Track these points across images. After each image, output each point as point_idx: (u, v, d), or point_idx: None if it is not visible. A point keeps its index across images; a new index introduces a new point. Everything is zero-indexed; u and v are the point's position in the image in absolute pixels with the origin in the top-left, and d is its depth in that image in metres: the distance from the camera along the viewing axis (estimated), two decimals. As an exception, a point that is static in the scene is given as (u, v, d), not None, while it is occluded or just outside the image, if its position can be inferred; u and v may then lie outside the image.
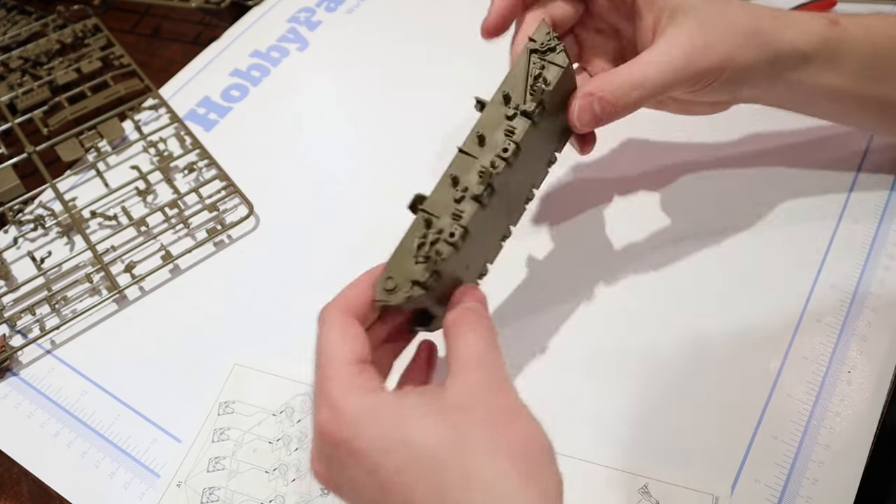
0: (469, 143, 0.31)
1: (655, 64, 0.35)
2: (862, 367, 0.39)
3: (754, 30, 0.36)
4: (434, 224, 0.30)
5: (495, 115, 0.32)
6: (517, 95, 0.32)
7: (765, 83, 0.38)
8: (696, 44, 0.35)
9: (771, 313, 0.41)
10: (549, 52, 0.33)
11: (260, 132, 0.54)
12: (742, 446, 0.37)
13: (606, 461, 0.37)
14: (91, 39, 0.60)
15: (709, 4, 0.36)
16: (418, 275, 0.29)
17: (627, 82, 0.34)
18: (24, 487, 0.40)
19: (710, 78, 0.36)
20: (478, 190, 0.30)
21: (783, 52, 0.36)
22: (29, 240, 0.49)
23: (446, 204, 0.30)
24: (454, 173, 0.31)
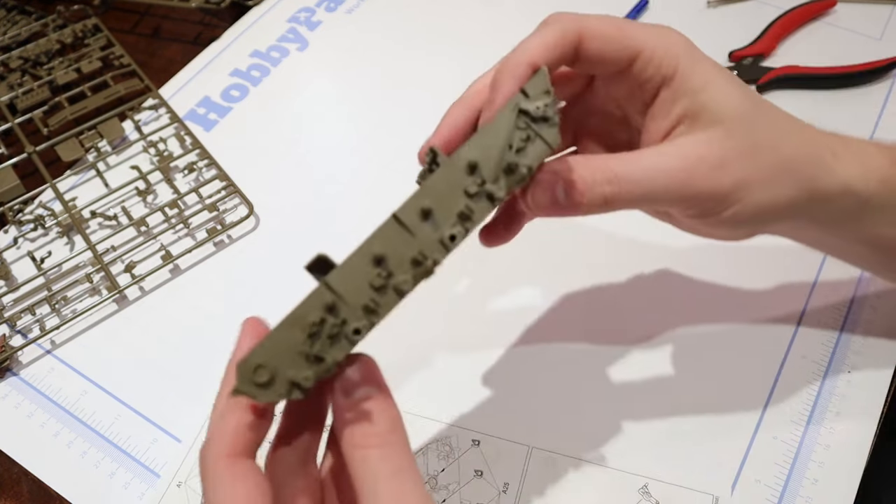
0: (409, 211, 0.24)
1: (647, 166, 0.27)
2: (862, 367, 0.39)
3: (797, 160, 0.29)
4: (339, 310, 0.23)
5: (451, 184, 0.25)
6: (487, 168, 0.25)
7: (797, 224, 0.31)
8: (706, 158, 0.27)
9: (771, 314, 0.41)
10: (541, 122, 0.26)
11: (260, 132, 0.54)
12: (742, 446, 0.37)
13: (606, 461, 0.37)
14: (91, 39, 0.60)
15: (749, 119, 0.28)
16: (302, 378, 0.23)
17: (604, 173, 0.27)
18: (23, 487, 0.40)
19: (715, 205, 0.28)
20: (406, 286, 0.24)
21: (829, 194, 0.29)
22: (29, 240, 0.49)
23: (360, 286, 0.24)
24: (380, 249, 0.24)
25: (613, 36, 0.28)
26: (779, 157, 0.28)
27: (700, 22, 0.55)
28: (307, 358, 0.23)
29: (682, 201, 0.28)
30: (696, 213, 0.29)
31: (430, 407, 0.39)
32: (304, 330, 0.23)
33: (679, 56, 0.28)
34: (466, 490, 0.37)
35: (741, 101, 0.28)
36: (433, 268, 0.24)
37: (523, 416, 0.39)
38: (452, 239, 0.24)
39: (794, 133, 0.29)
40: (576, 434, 0.38)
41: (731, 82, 0.28)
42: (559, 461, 0.37)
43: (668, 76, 0.28)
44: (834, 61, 0.51)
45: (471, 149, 0.25)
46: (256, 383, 0.23)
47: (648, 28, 0.29)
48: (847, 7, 0.56)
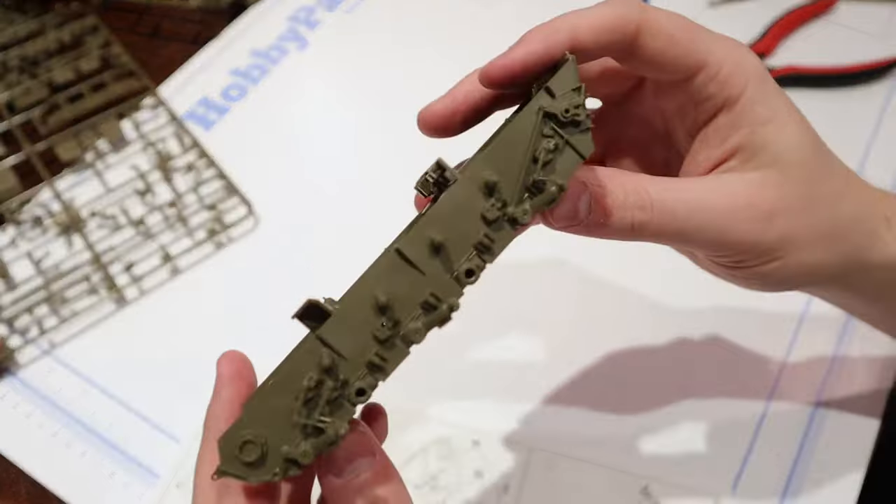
0: (414, 245, 0.20)
1: (688, 198, 0.24)
2: (863, 370, 0.39)
3: (850, 224, 0.26)
4: (337, 370, 0.20)
5: (465, 209, 0.21)
6: (508, 187, 0.21)
7: (839, 291, 0.29)
8: (756, 204, 0.24)
9: (772, 314, 0.41)
10: (571, 127, 0.21)
11: (259, 132, 0.54)
12: (743, 446, 0.37)
13: (606, 461, 0.37)
14: (90, 38, 0.60)
15: (810, 168, 0.25)
16: (299, 454, 0.20)
17: (638, 195, 0.23)
18: (22, 488, 0.40)
19: (752, 258, 0.25)
20: (417, 337, 0.20)
21: (875, 265, 0.27)
22: (27, 240, 0.49)
23: (361, 339, 0.20)
24: (383, 293, 0.20)
25: (680, 37, 0.24)
26: (832, 218, 0.25)
27: (701, 22, 0.55)
28: (304, 429, 0.20)
29: (717, 247, 0.24)
30: (728, 262, 0.26)
31: (430, 407, 0.39)
32: (299, 395, 0.20)
33: (749, 79, 0.24)
34: (466, 490, 0.37)
35: (805, 146, 0.25)
36: (449, 314, 0.20)
37: (523, 416, 0.39)
38: (470, 275, 0.21)
39: (852, 192, 0.26)
40: (576, 434, 0.38)
41: (800, 122, 0.25)
42: (559, 462, 0.37)
43: (731, 99, 0.24)
44: (834, 61, 0.51)
45: (486, 163, 0.21)
46: (244, 462, 0.20)
47: (722, 39, 0.25)
48: (848, 6, 0.56)
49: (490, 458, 0.38)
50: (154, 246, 0.48)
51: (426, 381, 0.41)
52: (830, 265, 0.26)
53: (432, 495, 0.37)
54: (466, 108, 0.26)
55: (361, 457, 0.21)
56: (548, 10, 0.29)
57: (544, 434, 0.38)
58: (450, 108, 0.26)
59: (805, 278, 0.26)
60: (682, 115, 0.27)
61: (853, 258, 0.26)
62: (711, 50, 0.24)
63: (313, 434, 0.20)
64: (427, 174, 0.22)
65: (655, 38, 0.24)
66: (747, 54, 0.25)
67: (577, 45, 0.23)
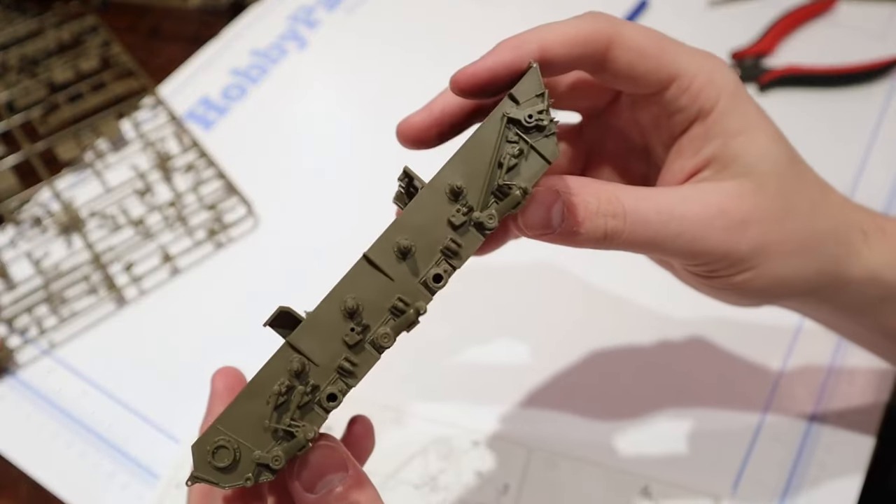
0: (382, 251, 0.21)
1: (660, 207, 0.24)
2: (863, 369, 0.39)
3: (824, 236, 0.26)
4: (308, 375, 0.20)
5: (432, 214, 0.21)
6: (473, 192, 0.21)
7: (811, 304, 0.29)
8: (729, 213, 0.24)
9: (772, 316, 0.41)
10: (535, 132, 0.21)
11: (259, 131, 0.54)
12: (743, 447, 0.37)
13: (606, 461, 0.37)
14: (89, 38, 0.60)
15: (784, 179, 0.25)
16: (270, 458, 0.20)
17: (610, 203, 0.23)
18: (22, 489, 0.40)
19: (725, 267, 0.25)
20: (385, 342, 0.21)
21: (852, 279, 0.27)
22: (27, 239, 0.49)
23: (331, 345, 0.20)
24: (352, 299, 0.20)
25: (650, 51, 0.24)
26: (806, 229, 0.25)
27: (701, 22, 0.55)
28: (275, 434, 0.20)
29: (690, 255, 0.24)
30: (702, 272, 0.26)
31: (430, 407, 0.39)
32: (270, 400, 0.20)
33: (722, 91, 0.24)
34: (466, 491, 0.37)
35: (779, 157, 0.25)
36: (416, 317, 0.21)
37: (523, 416, 0.39)
38: (438, 280, 0.21)
39: (827, 205, 0.26)
40: (576, 434, 0.38)
41: (773, 134, 0.25)
42: (559, 462, 0.37)
43: (704, 110, 0.25)
44: (834, 61, 0.51)
45: (453, 170, 0.21)
46: (217, 467, 0.20)
47: (694, 52, 0.25)
48: (848, 6, 0.56)
49: (490, 458, 0.38)
50: (154, 246, 0.48)
51: (426, 381, 0.41)
52: (805, 277, 0.26)
53: (432, 495, 0.37)
54: (444, 121, 0.26)
55: (333, 472, 0.21)
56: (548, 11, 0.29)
57: (544, 434, 0.38)
58: (427, 120, 0.26)
59: (779, 289, 0.26)
60: (658, 128, 0.27)
61: (828, 271, 0.26)
62: (683, 63, 0.24)
63: (284, 438, 0.20)
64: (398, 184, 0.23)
65: (626, 52, 0.24)
66: (721, 67, 0.25)
67: (546, 56, 0.23)
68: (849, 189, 0.46)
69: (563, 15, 0.25)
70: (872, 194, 0.45)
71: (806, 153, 0.28)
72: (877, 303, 0.28)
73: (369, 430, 0.26)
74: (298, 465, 0.21)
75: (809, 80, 0.51)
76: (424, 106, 0.27)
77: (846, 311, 0.29)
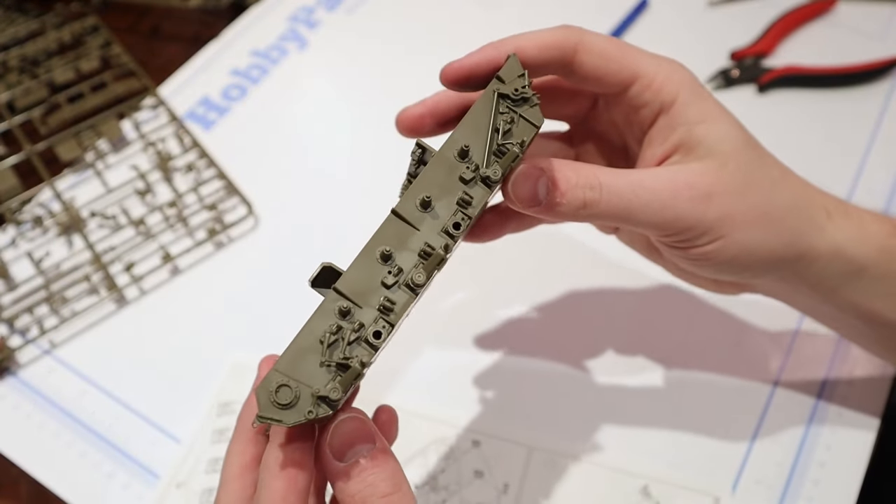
0: (408, 205, 0.24)
1: (633, 180, 0.27)
2: (863, 368, 0.39)
3: (786, 209, 0.28)
4: (354, 315, 0.23)
5: (446, 173, 0.25)
6: (477, 152, 0.25)
7: (785, 282, 0.30)
8: (695, 186, 0.27)
9: (772, 316, 0.41)
10: (523, 103, 0.26)
11: (259, 131, 0.54)
12: (743, 447, 0.37)
13: (606, 461, 0.37)
14: (90, 38, 0.60)
15: (744, 159, 0.28)
16: (329, 389, 0.22)
17: (588, 178, 0.26)
18: (22, 488, 0.40)
19: (696, 236, 0.27)
20: (419, 278, 0.23)
21: (818, 252, 0.29)
22: (28, 240, 0.49)
23: (371, 287, 0.23)
24: (386, 247, 0.23)
25: (613, 54, 0.28)
26: (768, 203, 0.28)
27: (700, 22, 0.55)
28: (329, 368, 0.22)
29: (660, 225, 0.27)
30: (675, 242, 0.28)
31: (430, 407, 0.39)
32: (323, 339, 0.22)
33: (681, 86, 0.28)
34: (466, 491, 0.37)
35: (738, 141, 0.28)
36: (445, 256, 0.23)
37: (523, 416, 0.39)
38: (457, 227, 0.24)
39: (787, 183, 0.29)
40: (576, 434, 0.38)
41: (731, 121, 0.28)
42: (559, 462, 0.37)
43: (666, 104, 0.28)
44: (834, 61, 0.51)
45: (458, 137, 0.25)
46: (280, 405, 0.22)
47: (652, 56, 0.29)
48: (847, 7, 0.56)
49: (490, 458, 0.38)
50: (154, 246, 0.48)
51: (426, 381, 0.41)
52: (769, 248, 0.28)
53: (432, 495, 0.37)
54: (437, 112, 0.30)
55: (361, 443, 0.23)
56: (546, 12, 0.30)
57: (544, 434, 0.38)
58: (421, 111, 0.30)
59: (747, 259, 0.28)
60: (630, 125, 0.30)
61: (793, 243, 0.28)
62: (643, 64, 0.28)
63: (339, 370, 0.22)
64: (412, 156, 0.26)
65: (591, 56, 0.28)
66: (678, 66, 0.29)
67: (521, 57, 0.27)
68: (848, 189, 0.46)
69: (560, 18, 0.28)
70: (872, 194, 0.45)
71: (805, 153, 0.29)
72: (845, 279, 0.30)
73: (394, 418, 0.28)
74: (330, 434, 0.23)
75: (809, 80, 0.51)
76: (421, 100, 0.31)
77: (818, 291, 0.30)
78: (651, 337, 0.41)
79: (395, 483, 0.23)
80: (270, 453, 0.23)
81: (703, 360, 0.40)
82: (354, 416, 0.23)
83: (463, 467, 0.37)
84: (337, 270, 0.23)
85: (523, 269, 0.44)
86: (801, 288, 0.30)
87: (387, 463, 0.23)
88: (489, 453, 0.38)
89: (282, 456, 0.23)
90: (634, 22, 0.56)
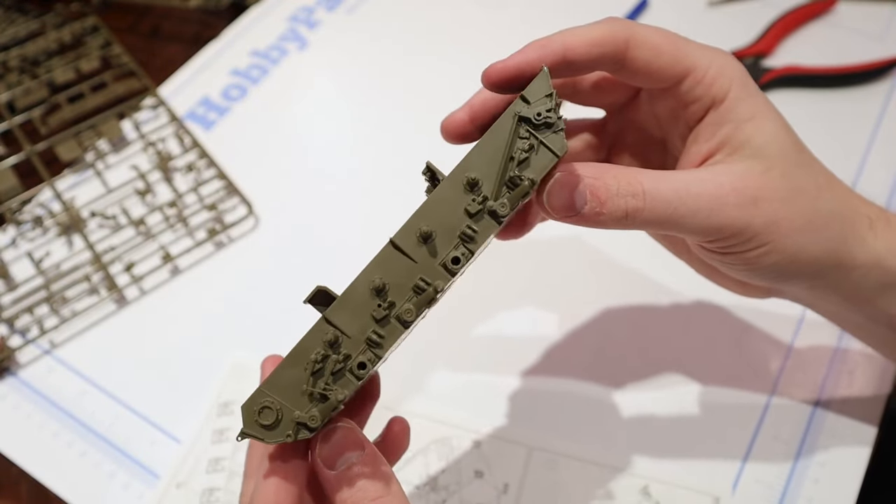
0: (407, 236, 0.23)
1: (678, 186, 0.25)
2: (863, 368, 0.39)
3: (831, 217, 0.27)
4: (341, 346, 0.23)
5: (451, 204, 0.23)
6: (487, 183, 0.23)
7: (818, 290, 0.29)
8: (741, 190, 0.26)
9: (772, 316, 0.41)
10: (545, 129, 0.24)
11: (259, 132, 0.54)
12: (743, 446, 0.37)
13: (606, 461, 0.37)
14: (90, 38, 0.60)
15: (792, 162, 0.27)
16: (308, 417, 0.23)
17: (631, 185, 0.25)
18: (22, 488, 0.40)
19: (740, 243, 0.26)
20: (408, 316, 0.23)
21: (857, 262, 0.28)
22: (28, 240, 0.49)
23: (361, 319, 0.23)
24: (380, 279, 0.23)
25: (666, 48, 0.27)
26: (812, 209, 0.27)
27: (700, 22, 0.55)
28: (311, 396, 0.23)
29: (707, 231, 0.26)
30: (718, 248, 0.27)
31: (430, 407, 0.39)
32: (307, 367, 0.23)
33: (733, 81, 0.27)
34: (466, 490, 0.37)
35: (786, 141, 0.27)
36: (435, 295, 0.23)
37: (523, 416, 0.39)
38: (456, 262, 0.23)
39: (832, 190, 0.28)
40: (576, 434, 0.38)
41: (780, 121, 0.27)
42: (559, 462, 0.37)
43: (717, 99, 0.27)
44: (834, 61, 0.51)
45: (469, 163, 0.23)
46: (262, 424, 0.23)
47: (705, 48, 0.27)
48: (847, 7, 0.56)
49: (490, 458, 0.38)
50: (154, 246, 0.48)
51: (426, 381, 0.41)
52: (813, 255, 0.27)
53: (432, 495, 0.37)
54: (484, 115, 0.28)
55: (350, 450, 0.24)
56: (548, 13, 0.30)
57: (544, 434, 0.38)
58: (468, 115, 0.28)
59: (790, 266, 0.27)
60: (675, 120, 0.29)
61: (835, 251, 0.27)
62: (696, 57, 0.27)
63: (320, 400, 0.23)
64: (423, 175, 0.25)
65: (643, 50, 0.26)
66: (730, 59, 0.27)
67: (569, 56, 0.26)
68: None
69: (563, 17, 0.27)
70: (872, 194, 0.45)
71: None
72: (882, 290, 0.29)
73: (406, 430, 0.29)
74: (320, 444, 0.24)
75: (809, 80, 0.51)
76: (465, 103, 0.29)
77: (852, 301, 0.29)
78: (651, 339, 0.41)
79: (385, 486, 0.23)
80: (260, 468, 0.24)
81: (702, 362, 0.40)
82: (342, 425, 0.24)
83: (463, 467, 0.37)
84: (331, 294, 0.23)
85: (524, 270, 0.44)
86: (833, 297, 0.29)
87: (377, 467, 0.24)
88: (489, 453, 0.38)
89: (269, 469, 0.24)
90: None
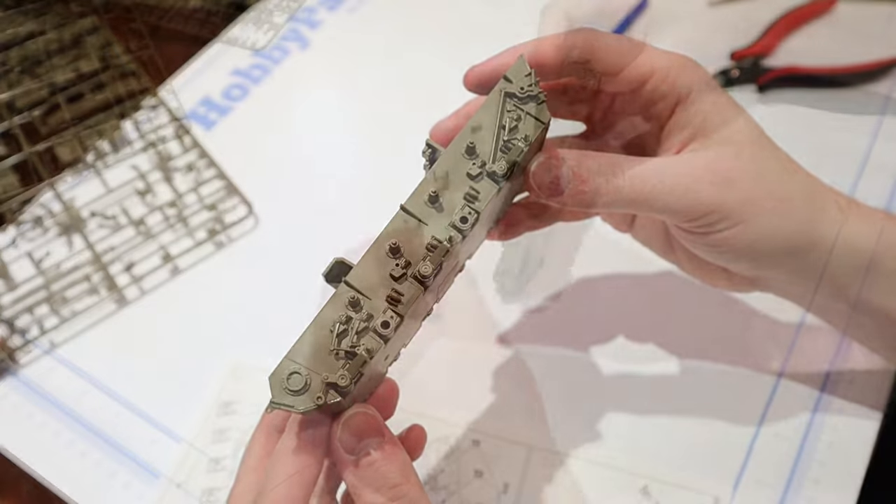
0: (416, 201, 0.25)
1: (655, 167, 0.27)
2: (863, 370, 0.39)
3: (801, 199, 0.29)
4: (362, 306, 0.23)
5: (454, 170, 0.25)
6: (484, 149, 0.26)
7: (799, 275, 0.30)
8: (716, 171, 0.28)
9: (773, 315, 0.41)
10: (529, 101, 0.26)
11: (260, 132, 0.54)
12: (744, 446, 0.37)
13: (606, 461, 0.37)
14: (90, 38, 0.60)
15: (759, 148, 0.29)
16: (338, 376, 0.23)
17: (611, 166, 0.27)
18: (23, 488, 0.40)
19: (717, 220, 0.28)
20: (425, 269, 0.24)
21: (831, 244, 0.29)
22: (28, 240, 0.49)
23: (380, 279, 0.24)
24: (394, 240, 0.24)
25: (628, 51, 0.29)
26: (782, 189, 0.28)
27: (701, 21, 0.55)
28: (337, 356, 0.23)
29: (685, 209, 0.27)
30: (696, 228, 0.29)
31: (430, 407, 0.39)
32: (333, 329, 0.23)
33: (695, 79, 0.29)
34: (466, 490, 0.37)
35: (753, 131, 0.29)
36: (450, 247, 0.24)
37: (523, 416, 0.39)
38: (464, 221, 0.25)
39: (800, 176, 0.30)
40: (576, 434, 0.38)
41: (745, 114, 0.29)
42: (559, 461, 0.37)
43: (682, 95, 0.29)
44: (834, 61, 0.51)
45: (465, 135, 0.26)
46: (291, 391, 0.23)
47: (663, 51, 0.29)
48: (847, 7, 0.56)
49: (490, 458, 0.38)
50: (154, 246, 0.48)
51: (426, 380, 0.41)
52: (787, 233, 0.28)
53: (432, 495, 0.37)
54: None
55: (370, 436, 0.24)
56: (548, 11, 0.30)
57: (544, 434, 0.38)
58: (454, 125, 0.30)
59: (765, 245, 0.28)
60: (647, 119, 0.31)
61: (808, 233, 0.29)
62: (657, 57, 0.29)
63: (347, 358, 0.23)
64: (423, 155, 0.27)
65: (608, 53, 0.29)
66: (690, 60, 0.30)
67: (539, 59, 0.28)
68: (849, 189, 0.46)
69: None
70: (872, 194, 0.45)
71: (806, 153, 0.29)
72: (858, 275, 0.30)
73: (423, 438, 0.30)
74: (340, 428, 0.24)
75: (809, 80, 0.51)
76: (453, 112, 0.31)
77: (832, 287, 0.31)
78: (650, 339, 0.41)
79: (404, 474, 0.23)
80: (282, 442, 0.24)
81: (702, 362, 0.40)
82: (363, 410, 0.24)
83: (463, 467, 0.37)
84: (348, 264, 0.24)
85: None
86: (810, 280, 0.31)
87: (396, 455, 0.24)
88: (489, 453, 0.38)
89: (293, 443, 0.24)
90: (634, 21, 0.56)
